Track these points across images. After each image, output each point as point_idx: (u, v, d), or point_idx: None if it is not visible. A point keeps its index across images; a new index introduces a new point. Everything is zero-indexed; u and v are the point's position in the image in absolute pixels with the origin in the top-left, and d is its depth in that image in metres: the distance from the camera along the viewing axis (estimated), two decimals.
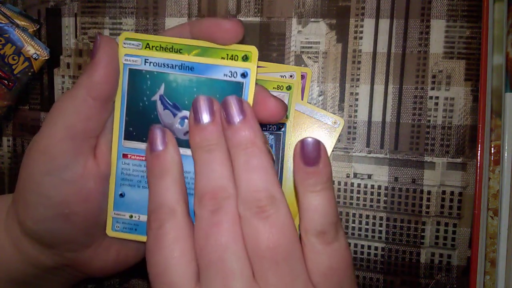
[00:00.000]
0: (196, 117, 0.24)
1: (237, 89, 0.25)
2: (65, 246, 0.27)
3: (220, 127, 0.24)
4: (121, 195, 0.27)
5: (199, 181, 0.23)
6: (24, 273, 0.29)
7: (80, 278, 0.32)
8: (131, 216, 0.28)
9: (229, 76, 0.25)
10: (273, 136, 0.34)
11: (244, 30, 0.25)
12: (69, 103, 0.25)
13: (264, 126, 0.34)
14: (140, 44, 0.26)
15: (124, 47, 0.26)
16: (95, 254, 0.29)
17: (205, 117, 0.24)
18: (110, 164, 0.27)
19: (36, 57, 0.36)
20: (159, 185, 0.24)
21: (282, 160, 0.34)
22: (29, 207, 0.26)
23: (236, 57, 0.25)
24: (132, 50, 0.26)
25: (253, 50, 0.25)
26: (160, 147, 0.25)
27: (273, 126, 0.34)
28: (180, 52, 0.26)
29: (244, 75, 0.25)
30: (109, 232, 0.28)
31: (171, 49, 0.26)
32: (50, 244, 0.27)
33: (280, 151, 0.34)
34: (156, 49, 0.26)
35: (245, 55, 0.25)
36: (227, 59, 0.25)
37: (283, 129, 0.34)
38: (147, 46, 0.26)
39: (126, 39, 0.26)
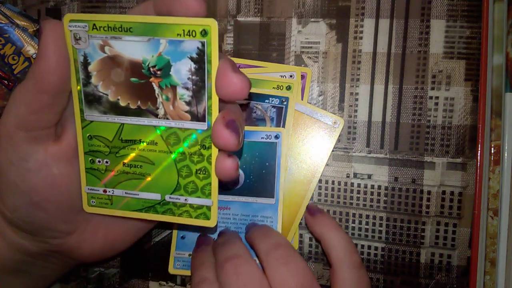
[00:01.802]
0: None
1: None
2: (46, 233, 0.28)
3: None
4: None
5: None
6: (13, 260, 0.29)
7: (72, 264, 0.32)
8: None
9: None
10: (275, 109, 0.34)
11: (206, 7, 0.24)
12: (20, 94, 0.25)
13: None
14: (86, 26, 0.24)
15: (70, 29, 0.25)
16: (81, 239, 0.29)
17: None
18: (77, 143, 0.27)
19: None
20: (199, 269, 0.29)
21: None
22: (2, 196, 0.27)
23: (194, 32, 0.23)
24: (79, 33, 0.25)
25: (212, 24, 0.23)
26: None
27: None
28: (131, 31, 0.24)
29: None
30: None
31: (119, 29, 0.24)
32: (31, 231, 0.28)
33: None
34: (104, 30, 0.24)
35: (204, 29, 0.23)
36: (184, 35, 0.24)
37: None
38: (94, 27, 0.24)
39: (71, 21, 0.25)
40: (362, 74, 0.34)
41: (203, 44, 0.24)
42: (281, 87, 0.34)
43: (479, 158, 0.33)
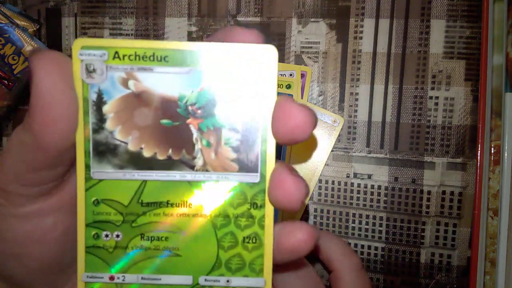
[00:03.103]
0: None
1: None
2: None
3: None
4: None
5: None
6: None
7: None
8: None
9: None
10: None
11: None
12: (17, 147, 0.20)
13: None
14: (105, 54, 0.19)
15: (82, 59, 0.19)
16: None
17: None
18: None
19: None
20: None
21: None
22: None
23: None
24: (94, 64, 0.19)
25: (270, 50, 0.19)
26: None
27: None
28: (166, 61, 0.19)
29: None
30: None
31: (151, 58, 0.19)
32: (10, 282, 0.23)
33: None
34: (129, 59, 0.19)
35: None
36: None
37: None
38: (116, 55, 0.19)
39: (84, 48, 0.19)
40: (362, 74, 0.34)
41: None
42: (281, 85, 0.34)
43: (479, 158, 0.33)
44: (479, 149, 0.33)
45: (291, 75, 0.34)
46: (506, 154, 0.34)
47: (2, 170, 0.20)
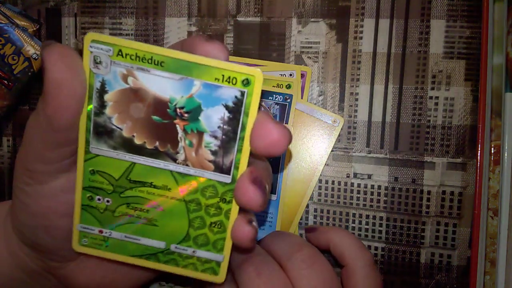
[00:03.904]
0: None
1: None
2: (47, 255, 0.27)
3: None
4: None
5: None
6: (11, 278, 0.28)
7: None
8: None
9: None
10: (278, 106, 0.34)
11: (228, 53, 0.22)
12: (34, 130, 0.22)
13: None
14: (111, 50, 0.21)
15: (91, 51, 0.21)
16: (80, 268, 0.28)
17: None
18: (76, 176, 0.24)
19: (36, 57, 0.36)
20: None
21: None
22: (14, 210, 0.26)
23: (234, 79, 0.21)
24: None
25: (257, 74, 0.21)
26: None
27: None
28: (162, 66, 0.21)
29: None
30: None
31: (149, 61, 0.21)
32: (34, 248, 0.27)
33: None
34: (131, 58, 0.21)
35: (246, 79, 0.21)
36: (222, 80, 0.21)
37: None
38: (120, 53, 0.21)
39: (94, 41, 0.21)
40: (362, 74, 0.34)
41: (242, 93, 0.22)
42: (281, 85, 0.34)
43: (479, 158, 0.33)
44: (479, 149, 0.33)
45: (291, 75, 0.34)
46: (506, 154, 0.34)
47: (25, 151, 0.23)
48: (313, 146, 0.34)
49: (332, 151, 0.34)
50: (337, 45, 0.35)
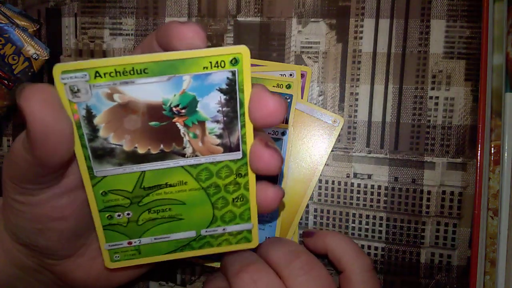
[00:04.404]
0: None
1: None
2: (43, 255, 0.27)
3: None
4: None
5: None
6: (8, 275, 0.28)
7: None
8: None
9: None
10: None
11: (205, 34, 0.22)
12: (21, 159, 0.21)
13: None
14: (86, 75, 0.20)
15: (64, 83, 0.20)
16: (77, 264, 0.28)
17: None
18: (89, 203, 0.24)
19: (36, 57, 0.36)
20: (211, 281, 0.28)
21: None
22: (6, 214, 0.26)
23: (223, 62, 0.21)
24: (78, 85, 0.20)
25: (243, 51, 0.21)
26: None
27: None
28: (145, 73, 0.21)
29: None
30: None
31: (131, 72, 0.21)
32: (29, 248, 0.27)
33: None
34: (110, 76, 0.20)
35: (234, 58, 0.21)
36: (211, 67, 0.21)
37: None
38: (97, 74, 0.20)
39: (64, 72, 0.20)
40: (362, 74, 0.34)
41: (233, 73, 0.22)
42: (281, 85, 0.34)
43: (479, 158, 0.33)
44: (479, 149, 0.33)
45: (291, 75, 0.34)
46: (506, 154, 0.34)
47: (12, 171, 0.23)
48: (313, 146, 0.34)
49: (332, 151, 0.34)
50: (337, 45, 0.35)
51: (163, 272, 0.37)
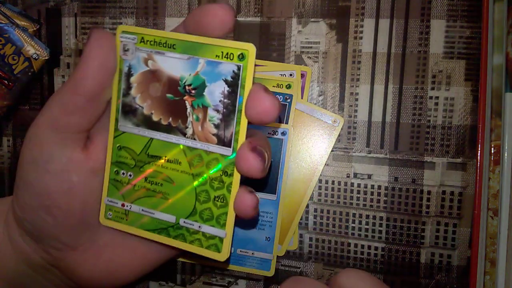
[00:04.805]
0: None
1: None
2: (49, 241, 0.27)
3: None
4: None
5: None
6: (16, 272, 0.29)
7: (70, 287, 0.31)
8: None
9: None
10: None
11: (235, 14, 0.24)
12: (57, 95, 0.26)
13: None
14: (135, 38, 0.25)
15: (121, 40, 0.26)
16: (83, 258, 0.28)
17: None
18: (106, 154, 0.27)
19: (36, 57, 0.36)
20: None
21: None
22: (17, 193, 0.27)
23: (231, 55, 0.24)
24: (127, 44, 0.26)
25: (250, 48, 0.23)
26: None
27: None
28: (174, 48, 0.25)
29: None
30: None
31: (164, 44, 0.25)
32: (35, 236, 0.28)
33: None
34: (150, 44, 0.25)
35: (241, 53, 0.24)
36: (222, 57, 0.24)
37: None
38: (142, 40, 0.25)
39: (123, 32, 0.26)
40: (362, 74, 0.34)
41: (239, 68, 0.24)
42: (281, 85, 0.34)
43: (479, 158, 0.33)
44: (479, 149, 0.33)
45: (291, 75, 0.34)
46: (506, 154, 0.34)
47: (41, 116, 0.26)
48: (313, 146, 0.34)
49: (332, 151, 0.34)
50: (337, 45, 0.35)
51: (163, 272, 0.37)
